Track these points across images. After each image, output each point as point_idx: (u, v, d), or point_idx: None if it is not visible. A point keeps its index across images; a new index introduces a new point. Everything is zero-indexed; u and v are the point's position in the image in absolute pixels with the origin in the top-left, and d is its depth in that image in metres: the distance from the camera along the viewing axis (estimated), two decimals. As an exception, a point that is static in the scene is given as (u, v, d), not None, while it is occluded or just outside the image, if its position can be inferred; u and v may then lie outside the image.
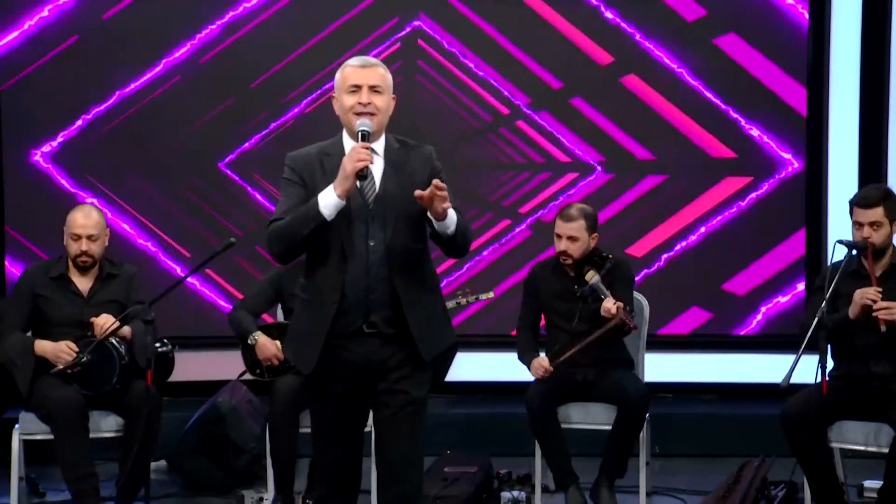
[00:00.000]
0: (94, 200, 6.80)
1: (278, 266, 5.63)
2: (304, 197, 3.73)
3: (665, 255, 7.02)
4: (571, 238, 5.38)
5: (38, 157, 6.95)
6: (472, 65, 7.03)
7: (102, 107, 6.94)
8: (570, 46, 7.00)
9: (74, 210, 5.36)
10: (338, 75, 3.80)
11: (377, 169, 3.78)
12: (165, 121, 6.96)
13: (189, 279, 5.32)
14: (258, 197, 7.01)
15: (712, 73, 6.97)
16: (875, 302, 4.79)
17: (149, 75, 6.95)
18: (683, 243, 7.03)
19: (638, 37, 6.97)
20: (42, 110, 6.91)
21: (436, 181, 3.62)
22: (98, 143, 6.97)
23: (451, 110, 7.00)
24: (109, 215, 6.66)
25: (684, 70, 6.97)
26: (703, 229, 7.02)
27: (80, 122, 6.95)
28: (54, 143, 6.95)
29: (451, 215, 3.70)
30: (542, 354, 5.42)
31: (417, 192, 3.63)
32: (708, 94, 6.97)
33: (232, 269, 6.90)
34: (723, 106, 6.97)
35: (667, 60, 6.97)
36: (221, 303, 6.91)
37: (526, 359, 5.46)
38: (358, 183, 3.65)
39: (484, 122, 7.06)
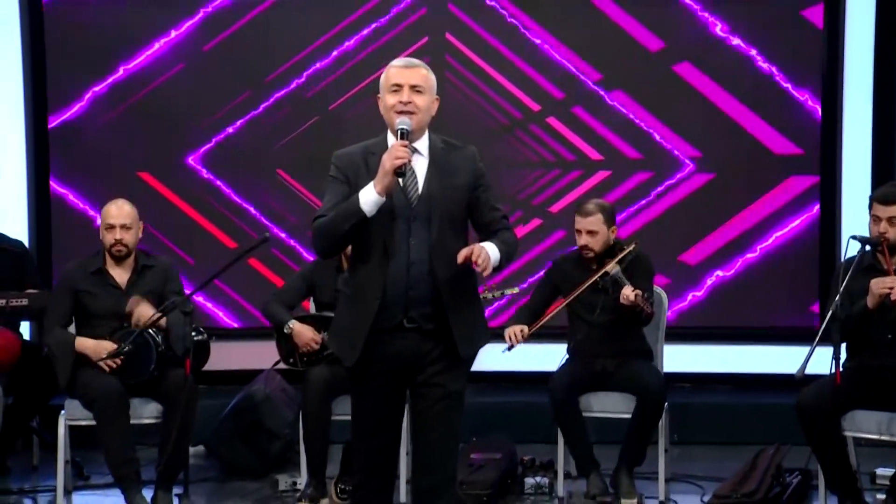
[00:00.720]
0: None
1: (312, 261, 5.69)
2: (348, 194, 3.70)
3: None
4: (591, 232, 5.39)
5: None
6: (501, 60, 6.98)
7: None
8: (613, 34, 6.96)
9: (108, 203, 5.39)
10: (382, 75, 3.77)
11: (420, 168, 3.76)
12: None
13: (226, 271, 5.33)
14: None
15: (730, 76, 6.95)
16: (892, 290, 4.78)
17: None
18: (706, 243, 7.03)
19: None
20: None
21: (465, 252, 3.61)
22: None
23: (479, 107, 6.98)
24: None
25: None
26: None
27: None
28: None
29: (494, 257, 3.68)
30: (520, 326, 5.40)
31: (460, 256, 3.62)
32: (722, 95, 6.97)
33: (270, 262, 6.93)
34: (737, 107, 6.97)
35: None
36: (257, 294, 6.93)
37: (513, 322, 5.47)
38: (399, 181, 3.64)
39: (513, 118, 7.04)
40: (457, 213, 3.75)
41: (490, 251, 3.68)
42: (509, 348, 5.32)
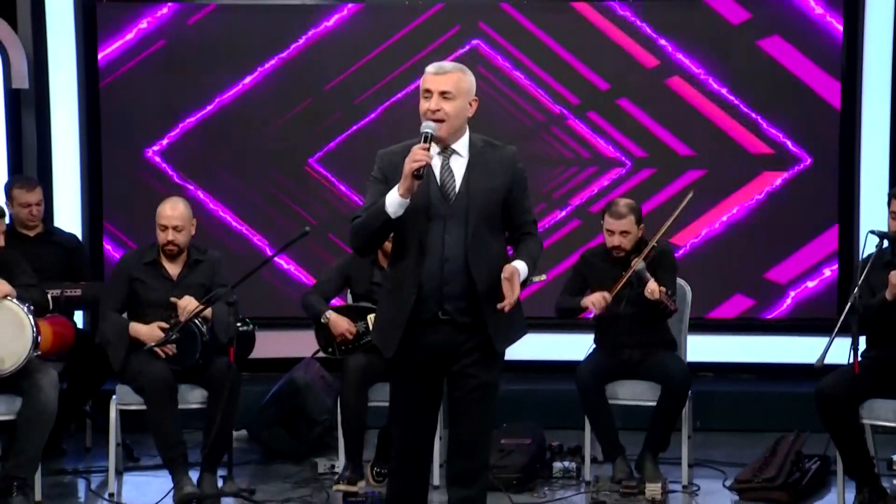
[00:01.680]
0: (198, 192, 6.96)
1: (348, 255, 5.71)
2: (385, 193, 3.68)
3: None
4: (623, 233, 5.39)
5: (150, 153, 7.05)
6: (527, 69, 7.01)
7: (205, 111, 7.05)
8: (618, 51, 6.98)
9: (163, 202, 5.40)
10: (422, 79, 3.76)
11: (459, 168, 3.73)
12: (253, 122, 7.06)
13: (268, 264, 5.37)
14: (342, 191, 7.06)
15: (751, 73, 6.91)
16: None
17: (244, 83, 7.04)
18: (719, 233, 6.99)
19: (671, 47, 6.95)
20: (146, 112, 7.02)
21: (506, 274, 3.63)
22: (198, 142, 7.07)
23: (507, 111, 7.00)
24: (211, 205, 6.87)
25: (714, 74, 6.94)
26: (739, 220, 6.97)
27: (182, 124, 7.05)
28: (163, 142, 7.04)
29: (522, 272, 3.70)
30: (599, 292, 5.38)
31: (505, 271, 3.64)
32: (739, 95, 6.94)
33: (307, 256, 6.96)
34: (758, 104, 6.92)
35: (696, 67, 6.93)
36: (297, 286, 6.96)
37: (573, 301, 5.46)
38: (437, 180, 3.65)
39: (536, 121, 7.05)
40: (493, 211, 3.74)
41: (521, 270, 3.71)
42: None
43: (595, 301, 5.34)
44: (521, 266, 3.71)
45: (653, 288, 5.17)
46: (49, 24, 6.95)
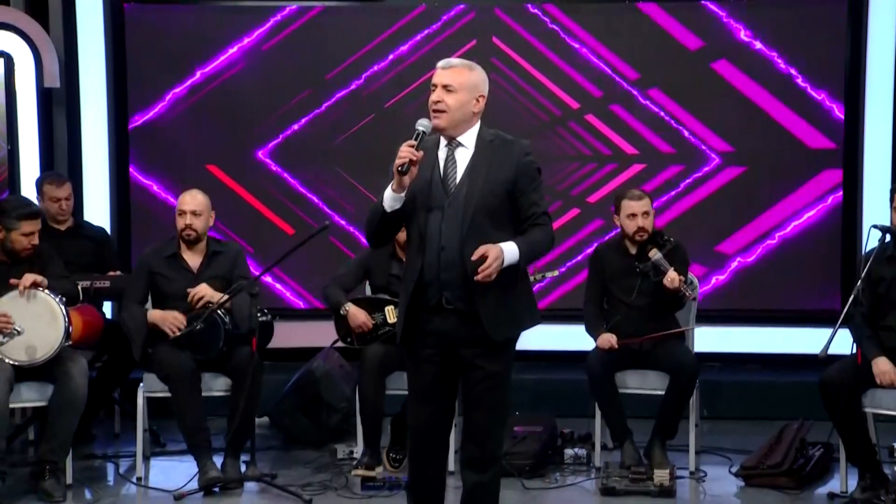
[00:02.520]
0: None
1: (367, 248, 5.71)
2: None
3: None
4: (646, 213, 5.37)
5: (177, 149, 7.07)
6: (543, 61, 6.95)
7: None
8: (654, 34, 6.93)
9: (184, 192, 5.44)
10: None
11: (463, 160, 3.73)
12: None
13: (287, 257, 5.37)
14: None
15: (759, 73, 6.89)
16: None
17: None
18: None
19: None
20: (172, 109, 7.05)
21: (480, 251, 3.55)
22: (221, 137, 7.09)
23: (522, 105, 6.96)
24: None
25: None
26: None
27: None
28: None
29: (511, 258, 3.60)
30: (610, 334, 5.38)
31: (476, 254, 3.56)
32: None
33: (327, 249, 6.97)
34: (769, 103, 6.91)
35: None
36: (316, 279, 6.97)
37: (594, 333, 5.44)
38: (441, 171, 3.66)
39: (553, 116, 7.01)
40: (495, 204, 3.69)
41: (507, 252, 3.60)
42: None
43: (602, 344, 5.33)
44: (507, 246, 3.61)
45: (673, 276, 5.18)
46: (79, 27, 6.99)
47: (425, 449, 3.85)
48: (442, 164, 3.73)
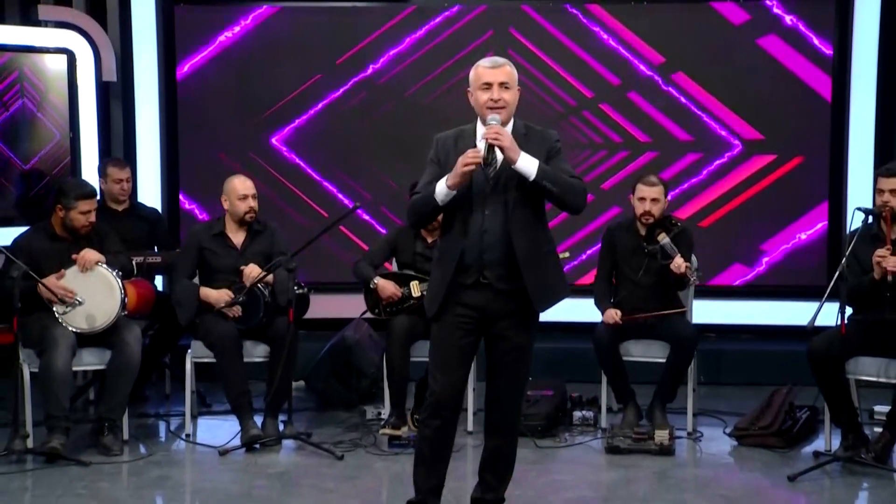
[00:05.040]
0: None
1: (396, 227, 5.71)
2: (438, 174, 3.71)
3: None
4: (654, 200, 5.32)
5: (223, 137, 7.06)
6: (562, 50, 6.85)
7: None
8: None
9: (231, 179, 5.43)
10: (471, 73, 3.72)
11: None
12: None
13: (323, 235, 5.38)
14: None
15: (753, 68, 6.81)
16: (884, 259, 4.70)
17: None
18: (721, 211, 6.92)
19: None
20: (218, 103, 7.03)
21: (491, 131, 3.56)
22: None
23: (537, 96, 6.87)
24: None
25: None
26: (738, 200, 6.89)
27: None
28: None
29: (527, 163, 3.60)
30: (615, 310, 5.35)
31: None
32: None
33: (360, 227, 6.97)
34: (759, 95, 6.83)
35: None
36: (349, 255, 6.97)
37: (601, 306, 5.43)
38: (486, 163, 3.61)
39: (567, 105, 6.95)
40: (530, 187, 3.66)
41: (526, 156, 3.59)
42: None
43: (607, 319, 5.31)
44: (526, 156, 3.60)
45: (679, 262, 5.14)
46: (134, 26, 7.00)
47: (442, 414, 3.79)
48: (483, 152, 3.67)
